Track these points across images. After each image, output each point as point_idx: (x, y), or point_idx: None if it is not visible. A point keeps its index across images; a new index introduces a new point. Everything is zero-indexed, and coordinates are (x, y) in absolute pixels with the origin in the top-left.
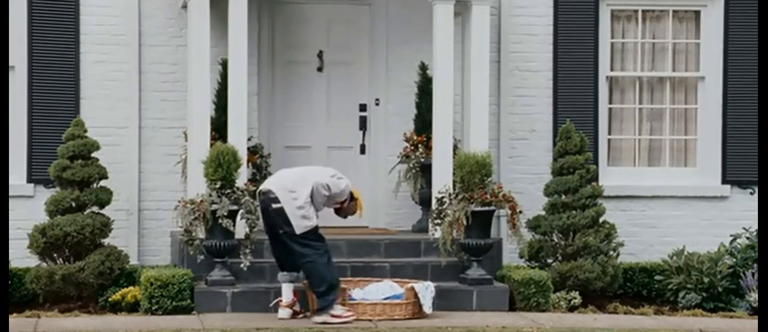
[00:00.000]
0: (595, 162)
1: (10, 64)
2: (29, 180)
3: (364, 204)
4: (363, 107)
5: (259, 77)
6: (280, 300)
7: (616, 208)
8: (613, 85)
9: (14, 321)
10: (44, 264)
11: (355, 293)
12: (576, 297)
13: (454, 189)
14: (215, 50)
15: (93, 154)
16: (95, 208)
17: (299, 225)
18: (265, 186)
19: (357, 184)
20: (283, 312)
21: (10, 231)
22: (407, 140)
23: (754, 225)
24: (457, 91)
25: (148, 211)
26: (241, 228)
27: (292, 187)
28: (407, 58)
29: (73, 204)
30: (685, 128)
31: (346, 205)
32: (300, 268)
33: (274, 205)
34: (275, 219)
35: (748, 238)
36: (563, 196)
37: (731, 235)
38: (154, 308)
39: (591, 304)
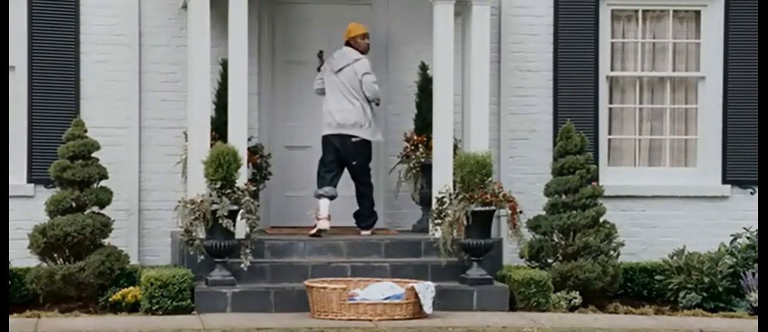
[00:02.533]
0: (596, 162)
1: (11, 64)
2: (29, 180)
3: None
4: None
5: (259, 77)
6: (319, 214)
7: (617, 208)
8: (613, 84)
9: (14, 321)
10: (44, 265)
11: (355, 293)
12: (576, 297)
13: (455, 189)
14: (215, 50)
15: (93, 154)
16: (95, 208)
17: (375, 137)
18: (326, 130)
19: None
20: (325, 224)
21: (11, 232)
22: (407, 140)
23: (755, 225)
24: (458, 91)
25: (149, 211)
26: (241, 229)
27: (361, 121)
28: (407, 58)
29: (74, 205)
30: (686, 128)
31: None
32: (363, 189)
33: (354, 140)
34: (350, 150)
35: (748, 238)
36: (563, 196)
37: (731, 235)
38: (154, 308)
39: (591, 304)
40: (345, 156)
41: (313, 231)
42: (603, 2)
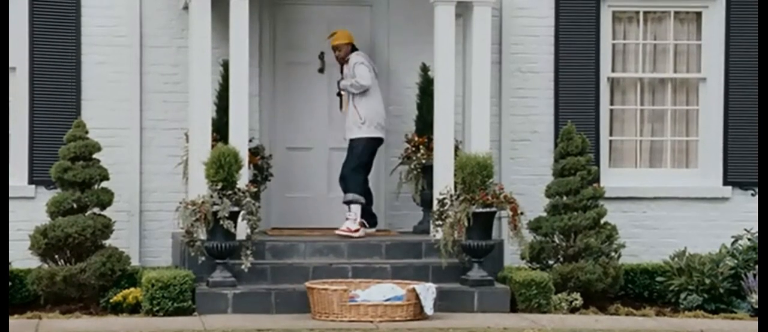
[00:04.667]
0: (597, 163)
1: (11, 65)
2: (30, 181)
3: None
4: None
5: (260, 78)
6: (358, 220)
7: (618, 210)
8: (614, 86)
9: (15, 322)
10: (45, 266)
11: (356, 294)
12: (577, 299)
13: (456, 190)
14: (216, 51)
15: (94, 156)
16: (96, 209)
17: None
18: (377, 133)
19: None
20: (363, 230)
21: (11, 233)
22: (408, 141)
23: (755, 227)
24: (459, 92)
25: (150, 213)
26: (242, 230)
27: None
28: (408, 59)
29: (75, 206)
30: (687, 129)
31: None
32: (365, 189)
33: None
34: (376, 151)
35: (749, 239)
36: (564, 198)
37: (732, 236)
38: (155, 309)
39: (592, 306)
40: (372, 157)
41: (356, 235)
42: (604, 3)
